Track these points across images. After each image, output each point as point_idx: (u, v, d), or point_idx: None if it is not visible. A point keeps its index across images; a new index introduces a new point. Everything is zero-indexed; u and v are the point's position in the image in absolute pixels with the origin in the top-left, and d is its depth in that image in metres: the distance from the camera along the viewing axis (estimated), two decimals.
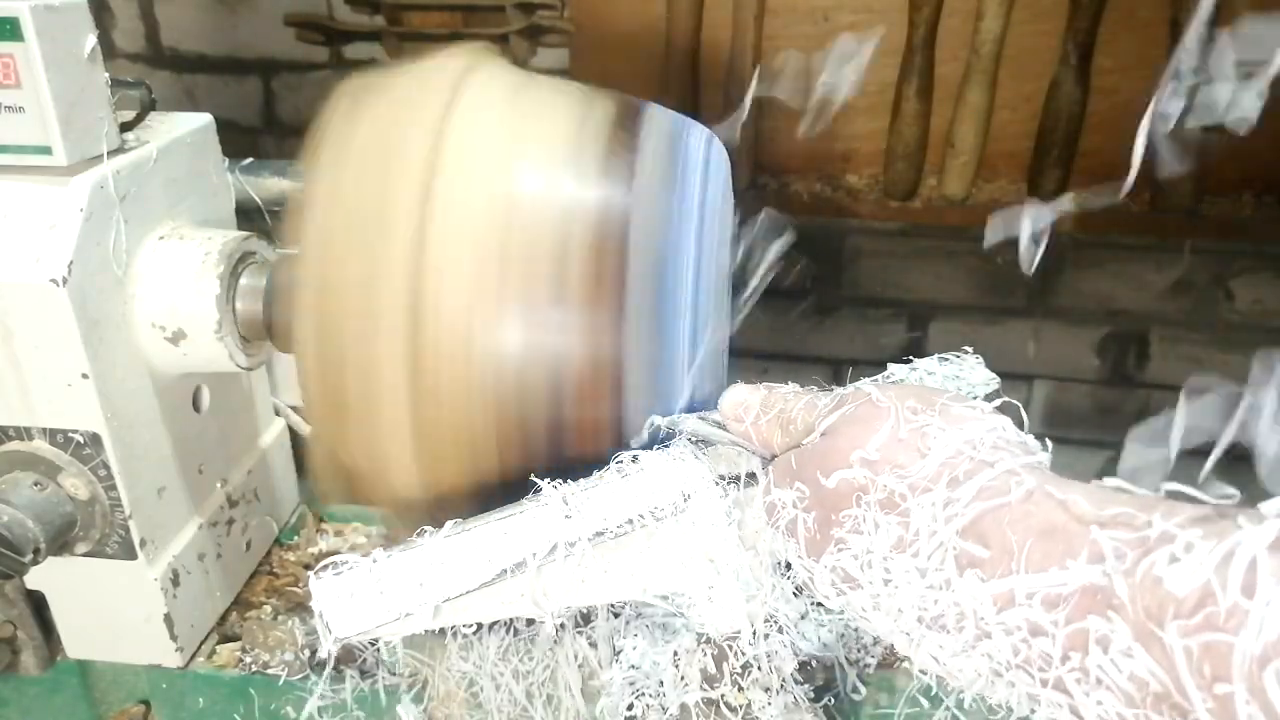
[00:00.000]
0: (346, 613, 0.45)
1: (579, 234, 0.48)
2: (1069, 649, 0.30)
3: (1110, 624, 0.29)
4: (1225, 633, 0.26)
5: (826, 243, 1.72)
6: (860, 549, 0.38)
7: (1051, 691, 0.32)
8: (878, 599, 0.38)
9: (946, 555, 0.35)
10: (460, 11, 1.67)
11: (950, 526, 0.35)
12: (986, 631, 0.34)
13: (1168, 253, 1.63)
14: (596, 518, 0.46)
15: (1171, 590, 0.28)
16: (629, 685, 0.54)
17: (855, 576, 0.38)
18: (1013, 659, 0.33)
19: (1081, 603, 0.30)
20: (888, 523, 0.37)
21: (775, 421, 0.46)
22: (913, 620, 0.37)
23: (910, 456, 0.38)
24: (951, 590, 0.35)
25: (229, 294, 0.58)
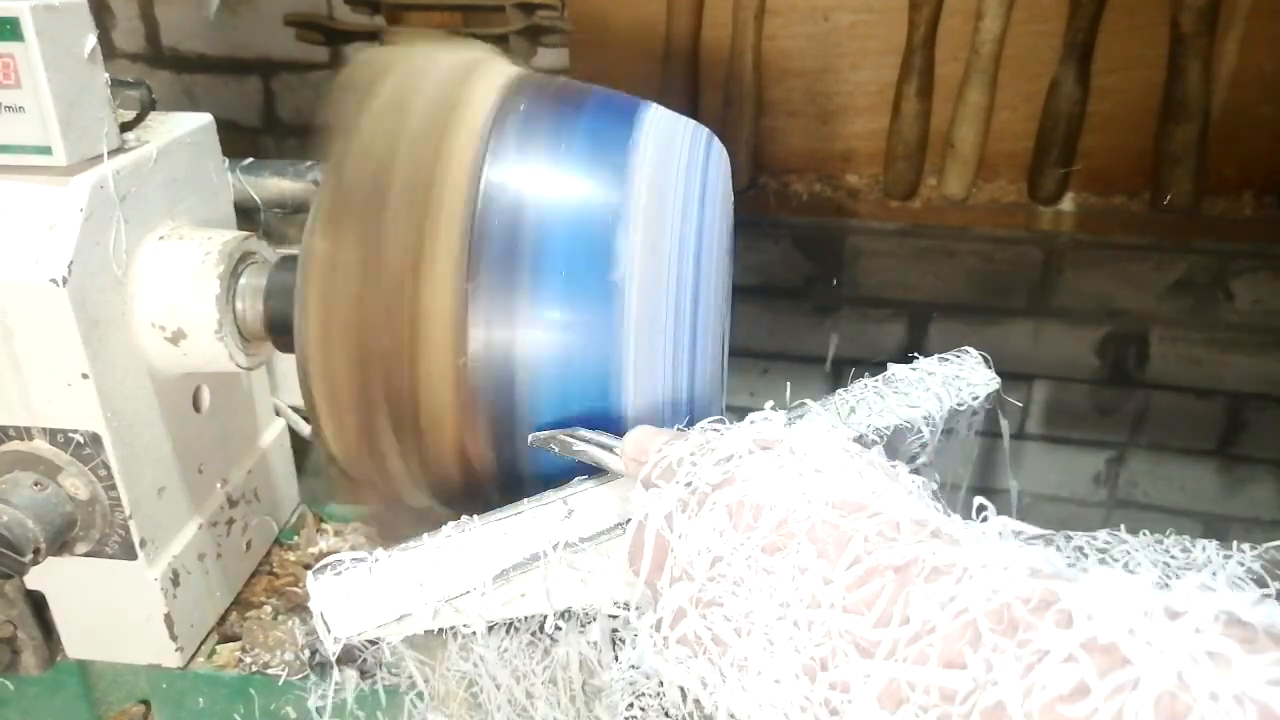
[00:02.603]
0: (346, 613, 0.45)
1: (580, 235, 0.48)
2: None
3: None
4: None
5: (826, 243, 1.72)
6: (737, 611, 0.35)
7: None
8: (742, 671, 0.35)
9: (830, 629, 0.32)
10: (460, 11, 1.67)
11: (829, 592, 0.33)
12: (869, 714, 0.31)
13: (1168, 253, 1.63)
14: (596, 517, 0.46)
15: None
16: (629, 685, 0.54)
17: (727, 641, 0.35)
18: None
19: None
20: (767, 585, 0.35)
21: (660, 467, 0.42)
22: (792, 703, 0.33)
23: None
24: (838, 669, 0.32)
25: (229, 294, 0.58)
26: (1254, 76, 1.47)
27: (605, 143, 0.51)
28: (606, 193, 0.49)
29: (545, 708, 0.54)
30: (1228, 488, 1.79)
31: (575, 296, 0.48)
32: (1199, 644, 0.25)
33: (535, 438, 0.48)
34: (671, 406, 0.50)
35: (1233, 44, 1.46)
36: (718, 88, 1.60)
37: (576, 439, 0.47)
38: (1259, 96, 1.48)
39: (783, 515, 0.36)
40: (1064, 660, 0.26)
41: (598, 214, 0.49)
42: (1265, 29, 1.44)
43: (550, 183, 0.49)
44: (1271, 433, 1.73)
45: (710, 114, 1.60)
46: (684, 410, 0.50)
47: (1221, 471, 1.78)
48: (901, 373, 0.58)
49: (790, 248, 1.74)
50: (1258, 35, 1.44)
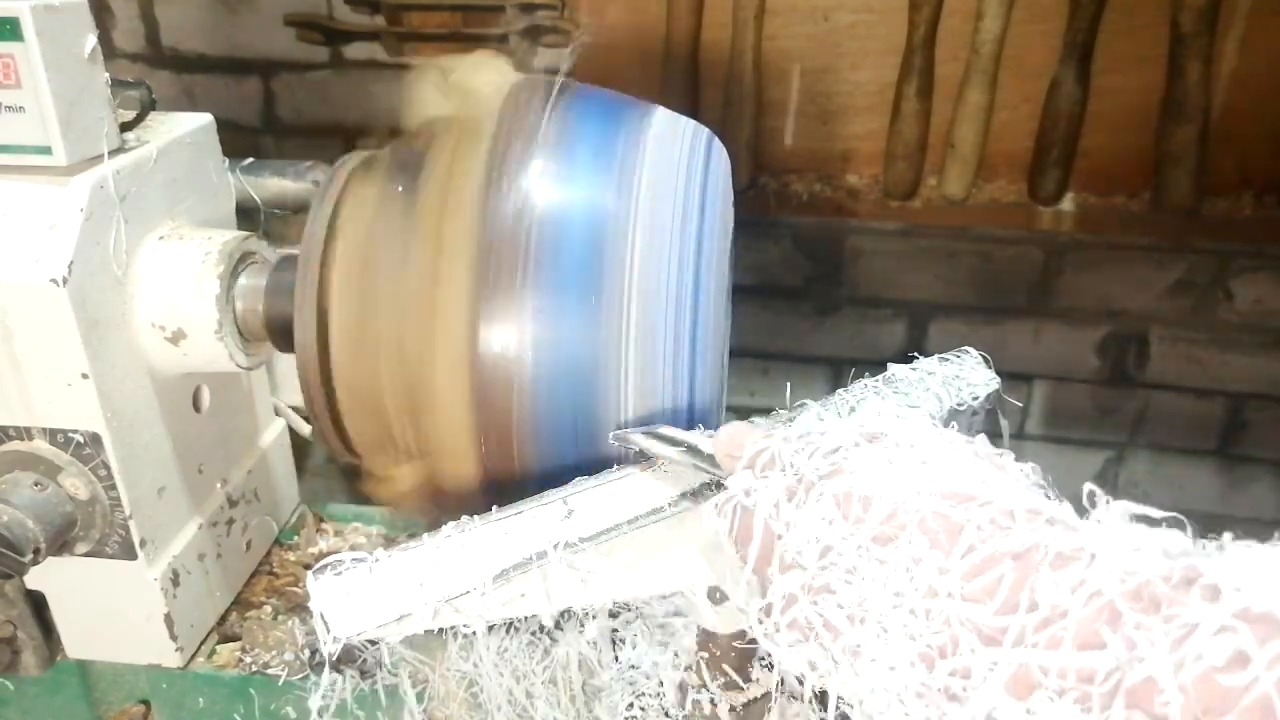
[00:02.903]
0: (346, 613, 0.45)
1: (581, 235, 0.48)
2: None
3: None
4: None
5: (826, 243, 1.72)
6: (850, 599, 0.35)
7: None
8: (855, 657, 0.35)
9: (949, 617, 0.32)
10: (460, 11, 1.67)
11: (946, 581, 0.32)
12: (995, 717, 0.30)
13: (1168, 253, 1.63)
14: (597, 518, 0.46)
15: (1229, 696, 0.25)
16: (629, 685, 0.54)
17: (839, 627, 0.35)
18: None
19: (1121, 699, 0.27)
20: (880, 575, 0.34)
21: (759, 459, 0.42)
22: (908, 688, 0.33)
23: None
24: (959, 656, 0.31)
25: (229, 294, 0.58)
26: (1254, 76, 1.47)
27: (606, 144, 0.51)
28: (607, 194, 0.49)
29: (545, 708, 0.54)
30: (1228, 488, 1.79)
31: (576, 299, 0.48)
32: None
33: (616, 435, 0.48)
34: (672, 406, 0.50)
35: (1233, 44, 1.46)
36: (718, 88, 1.61)
37: (658, 437, 0.47)
38: (1259, 96, 1.48)
39: (892, 507, 0.35)
40: (1217, 632, 0.26)
41: (599, 216, 0.49)
42: (1265, 29, 1.44)
43: (553, 186, 0.49)
44: (1271, 433, 1.73)
45: (710, 114, 1.60)
46: (684, 410, 0.50)
47: (1221, 471, 1.79)
48: (901, 373, 0.58)
49: (790, 248, 1.74)
50: (1258, 35, 1.45)
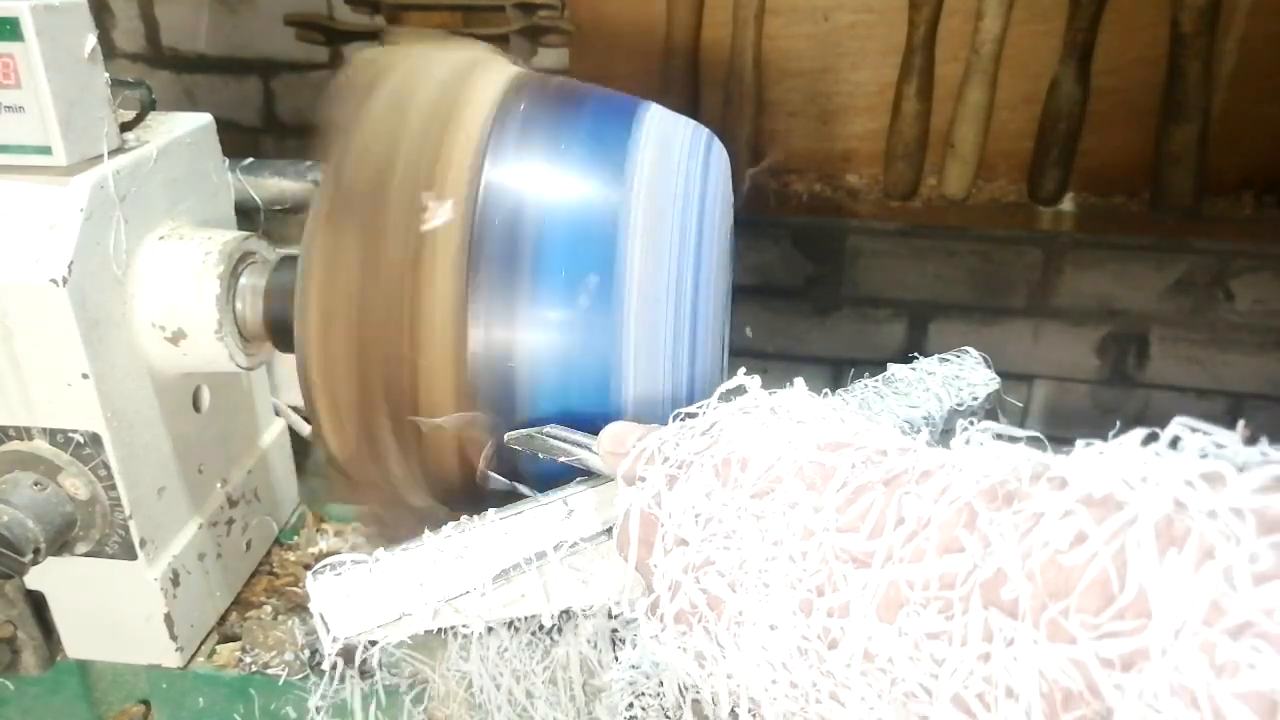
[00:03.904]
0: (346, 613, 0.45)
1: (580, 235, 0.48)
2: (973, 656, 0.27)
3: (1014, 619, 0.26)
4: (1130, 633, 0.24)
5: (826, 243, 1.72)
6: (730, 564, 0.35)
7: (955, 713, 0.28)
8: (739, 628, 0.34)
9: (825, 553, 0.32)
10: (460, 11, 1.67)
11: (821, 519, 0.32)
12: (871, 650, 0.30)
13: (1168, 253, 1.63)
14: (596, 517, 0.46)
15: (1071, 576, 0.25)
16: (629, 685, 0.54)
17: (721, 598, 0.35)
18: (908, 677, 0.29)
19: (977, 597, 0.27)
20: (758, 529, 0.34)
21: (640, 457, 0.42)
22: (789, 647, 0.32)
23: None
24: (836, 591, 0.31)
25: (229, 294, 0.58)
26: (1254, 76, 1.47)
27: (605, 142, 0.51)
28: (606, 192, 0.49)
29: (545, 708, 0.54)
30: None
31: (575, 297, 0.48)
32: (1192, 470, 0.25)
33: (510, 437, 0.48)
34: (671, 406, 0.50)
35: (1233, 44, 1.46)
36: (718, 88, 1.60)
37: (551, 437, 0.47)
38: (1259, 96, 1.48)
39: (769, 462, 0.35)
40: (1061, 517, 0.26)
41: (598, 214, 0.49)
42: (1265, 29, 1.44)
43: (550, 182, 0.49)
44: (1271, 433, 1.73)
45: (710, 114, 1.60)
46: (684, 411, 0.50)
47: None
48: (901, 373, 0.58)
49: (790, 248, 1.74)
50: (1258, 35, 1.45)
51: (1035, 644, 0.26)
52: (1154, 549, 0.24)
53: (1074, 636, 0.25)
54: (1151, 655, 0.23)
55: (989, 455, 0.31)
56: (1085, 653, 0.25)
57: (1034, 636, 0.26)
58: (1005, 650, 0.26)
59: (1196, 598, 0.23)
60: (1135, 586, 0.24)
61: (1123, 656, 0.24)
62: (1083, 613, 0.25)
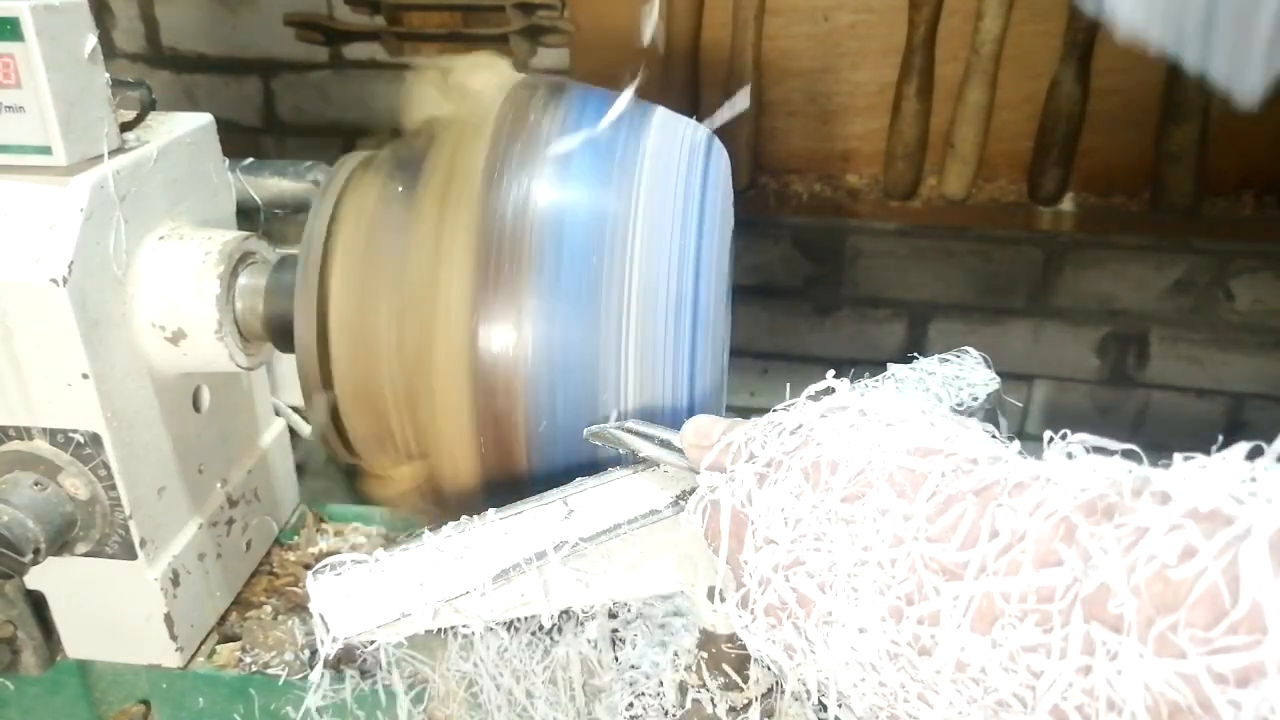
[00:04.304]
0: (346, 613, 0.45)
1: (581, 235, 0.48)
2: (1072, 669, 0.27)
3: (1118, 633, 0.26)
4: (1245, 648, 0.24)
5: (826, 243, 1.72)
6: (820, 566, 0.35)
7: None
8: (829, 627, 0.34)
9: (914, 562, 0.32)
10: (460, 11, 1.67)
11: (911, 527, 0.32)
12: (964, 660, 0.30)
13: (1168, 253, 1.63)
14: (596, 517, 0.46)
15: (1180, 590, 0.25)
16: (629, 685, 0.54)
17: (811, 599, 0.35)
18: (1002, 688, 0.29)
19: (1078, 611, 0.27)
20: (848, 534, 0.34)
21: (727, 451, 0.42)
22: (878, 650, 0.33)
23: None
24: (926, 600, 0.31)
25: (229, 294, 0.58)
26: None
27: (606, 143, 0.51)
28: (607, 194, 0.49)
29: (545, 708, 0.54)
30: None
31: (577, 298, 0.48)
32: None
33: (588, 432, 0.48)
34: (672, 406, 0.50)
35: None
36: (718, 88, 1.61)
37: (629, 432, 0.47)
38: None
39: (859, 467, 0.35)
40: (1167, 532, 0.26)
41: (599, 216, 0.49)
42: None
43: (553, 186, 0.49)
44: (1271, 433, 1.73)
45: (710, 114, 1.60)
46: (684, 410, 0.50)
47: None
48: (901, 373, 0.58)
49: (790, 248, 1.74)
50: None
51: (1141, 658, 0.25)
52: (1268, 562, 0.24)
53: (1184, 651, 0.24)
54: (1268, 671, 0.23)
55: (1085, 468, 0.30)
56: (1196, 667, 0.24)
57: (1140, 650, 0.25)
58: (1109, 664, 0.26)
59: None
60: (1249, 600, 0.24)
61: (1236, 672, 0.24)
62: (1193, 627, 0.25)
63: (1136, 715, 0.25)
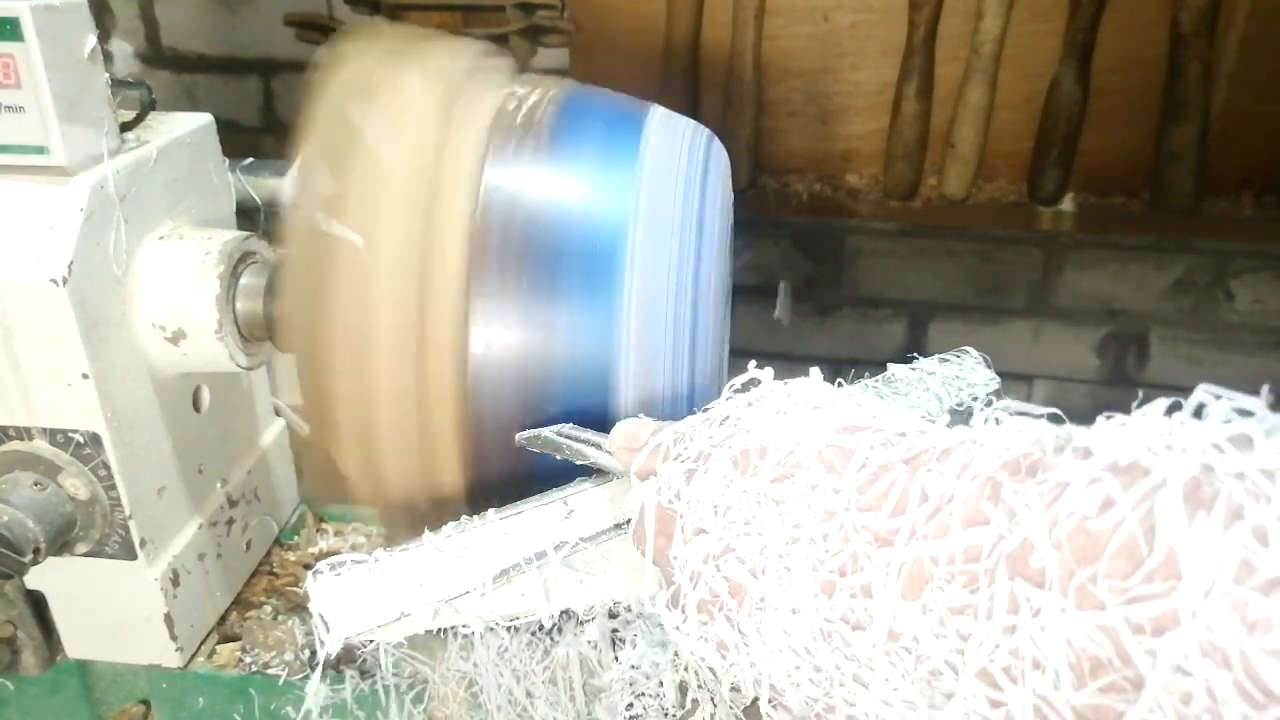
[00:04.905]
0: (346, 613, 0.45)
1: (580, 235, 0.48)
2: (998, 629, 0.27)
3: (1041, 588, 0.26)
4: (1160, 595, 0.24)
5: (826, 243, 1.72)
6: (751, 550, 0.34)
7: (981, 688, 0.27)
8: (761, 614, 0.34)
9: (846, 532, 0.31)
10: (460, 11, 1.67)
11: (842, 499, 0.32)
12: (896, 629, 0.30)
13: (1168, 253, 1.63)
14: (596, 517, 0.46)
15: (1099, 541, 0.25)
16: (629, 685, 0.54)
17: (743, 585, 0.35)
18: (934, 655, 0.29)
19: (1003, 568, 0.27)
20: (778, 514, 0.34)
21: (656, 452, 0.41)
22: (811, 631, 0.32)
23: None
24: (860, 571, 0.31)
25: (229, 294, 0.58)
26: (1254, 76, 1.47)
27: (606, 143, 0.51)
28: (607, 193, 0.49)
29: (545, 708, 0.54)
30: None
31: (577, 298, 0.48)
32: (1219, 434, 0.25)
33: (521, 437, 0.48)
34: (671, 406, 0.50)
35: (1233, 44, 1.46)
36: (718, 88, 1.60)
37: (562, 437, 0.47)
38: (1259, 96, 1.48)
39: (788, 449, 0.35)
40: (1087, 485, 0.26)
41: (600, 214, 0.49)
42: (1265, 29, 1.44)
43: (551, 183, 0.49)
44: None
45: (710, 114, 1.60)
46: (684, 410, 0.50)
47: None
48: (901, 373, 0.58)
49: (790, 248, 1.74)
50: (1258, 35, 1.45)
51: (1063, 612, 0.25)
52: (1182, 511, 0.24)
53: (1103, 602, 0.25)
54: (1181, 617, 0.23)
55: (1010, 430, 0.30)
56: (1115, 618, 0.24)
57: (1062, 605, 0.26)
58: (1032, 621, 0.26)
59: (1226, 557, 0.23)
60: (1164, 548, 0.24)
61: (1153, 620, 0.24)
62: (1111, 577, 0.25)
63: (1060, 672, 0.25)
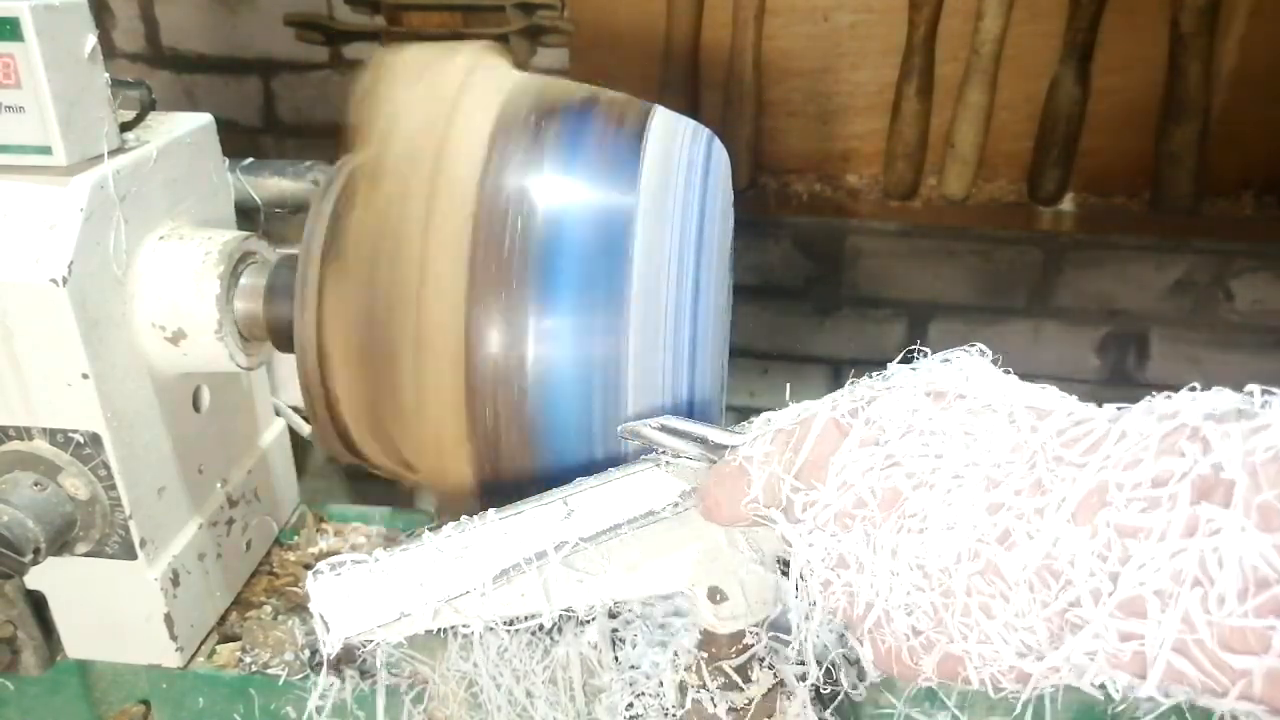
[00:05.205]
0: (346, 613, 0.45)
1: (581, 235, 0.48)
2: (1168, 552, 0.27)
3: (1225, 508, 0.26)
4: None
5: (826, 243, 1.72)
6: (923, 467, 0.34)
7: (1118, 621, 0.27)
8: (907, 529, 0.33)
9: (1035, 458, 0.31)
10: (460, 11, 1.67)
11: (1038, 438, 0.31)
12: (1053, 553, 0.29)
13: (1168, 253, 1.63)
14: (596, 518, 0.46)
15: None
16: (629, 685, 0.54)
17: (902, 493, 0.34)
18: (1080, 583, 0.28)
19: (1186, 493, 0.27)
20: (965, 442, 0.33)
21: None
22: (958, 550, 0.32)
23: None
24: (1038, 495, 0.30)
25: (229, 294, 0.58)
26: (1254, 76, 1.47)
27: (607, 144, 0.51)
28: (606, 194, 0.49)
29: (545, 708, 0.54)
30: None
31: (578, 299, 0.48)
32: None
33: (625, 429, 0.47)
34: (672, 407, 0.50)
35: (1233, 44, 1.46)
36: (718, 88, 1.61)
37: (673, 431, 0.45)
38: (1259, 96, 1.48)
39: (987, 399, 0.35)
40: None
41: (598, 216, 0.49)
42: (1265, 29, 1.44)
43: (553, 186, 0.49)
44: None
45: (710, 114, 1.60)
46: (684, 410, 0.50)
47: None
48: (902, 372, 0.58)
49: (790, 248, 1.74)
50: (1258, 35, 1.45)
51: (1243, 531, 0.25)
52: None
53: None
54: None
55: (1214, 394, 0.30)
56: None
57: (1243, 524, 0.26)
58: (1206, 540, 0.26)
59: None
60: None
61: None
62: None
63: (1225, 593, 0.25)
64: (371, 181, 0.50)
